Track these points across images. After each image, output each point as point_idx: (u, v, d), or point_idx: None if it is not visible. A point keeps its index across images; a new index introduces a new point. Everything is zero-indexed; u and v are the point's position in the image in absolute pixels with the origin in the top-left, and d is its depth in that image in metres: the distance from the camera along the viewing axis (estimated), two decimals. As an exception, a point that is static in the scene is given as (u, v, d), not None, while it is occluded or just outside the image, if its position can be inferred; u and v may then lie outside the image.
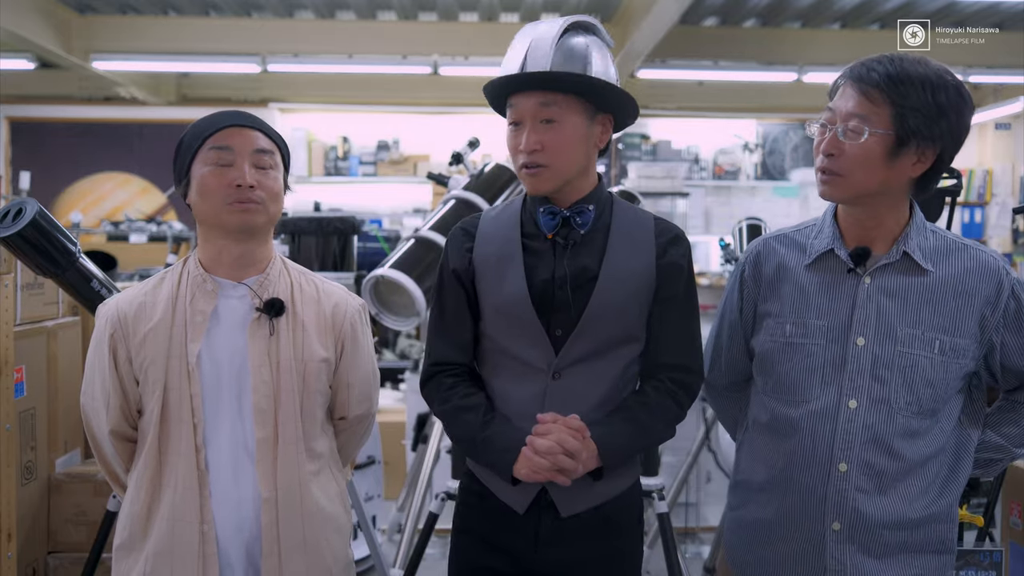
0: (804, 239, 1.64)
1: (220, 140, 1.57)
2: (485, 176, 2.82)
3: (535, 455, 1.50)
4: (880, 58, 1.51)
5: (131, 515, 1.57)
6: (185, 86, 7.70)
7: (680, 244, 1.62)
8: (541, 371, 1.59)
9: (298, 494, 1.58)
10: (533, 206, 1.62)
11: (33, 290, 2.74)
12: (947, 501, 1.58)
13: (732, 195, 7.81)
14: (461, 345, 1.66)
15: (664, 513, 2.53)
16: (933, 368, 1.53)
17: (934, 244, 1.57)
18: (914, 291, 1.54)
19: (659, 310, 1.60)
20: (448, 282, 1.66)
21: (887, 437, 1.52)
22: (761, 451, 1.64)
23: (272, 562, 1.55)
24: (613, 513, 1.62)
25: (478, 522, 1.66)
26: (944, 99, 1.48)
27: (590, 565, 1.61)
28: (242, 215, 1.55)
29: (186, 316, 1.57)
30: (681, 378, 1.61)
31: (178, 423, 1.55)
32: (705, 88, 7.58)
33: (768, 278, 1.65)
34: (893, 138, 1.48)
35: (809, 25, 6.57)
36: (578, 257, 1.58)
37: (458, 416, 1.62)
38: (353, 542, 1.75)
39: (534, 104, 1.53)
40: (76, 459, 2.97)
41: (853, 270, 1.57)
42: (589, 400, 1.58)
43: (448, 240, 1.70)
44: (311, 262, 3.10)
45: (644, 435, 1.59)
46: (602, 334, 1.57)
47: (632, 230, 1.61)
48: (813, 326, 1.58)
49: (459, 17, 6.50)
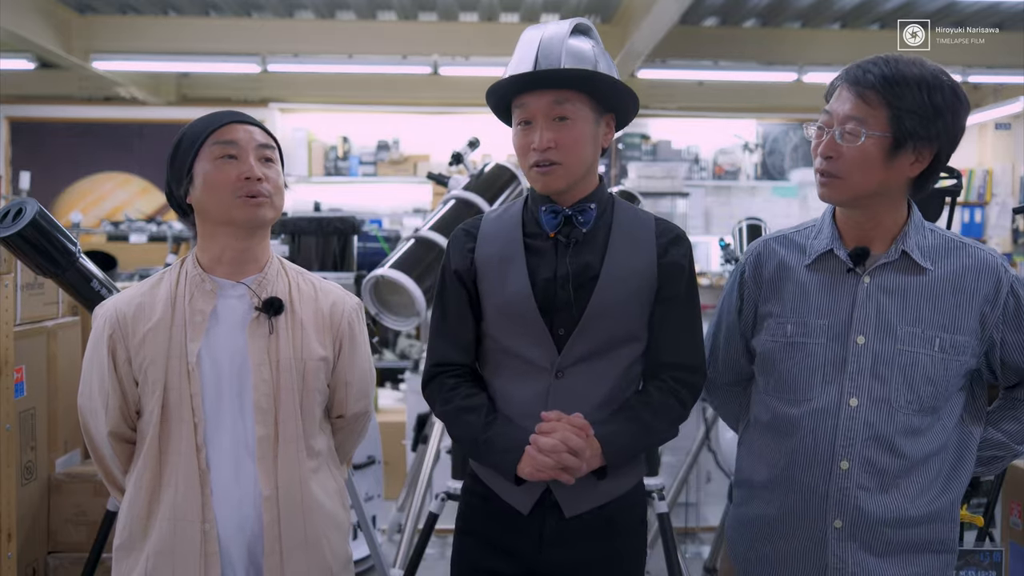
0: (803, 240, 1.65)
1: (224, 135, 1.57)
2: (485, 176, 2.83)
3: (539, 453, 1.50)
4: (875, 59, 1.51)
5: (131, 515, 1.57)
6: (185, 86, 7.71)
7: (681, 244, 1.63)
8: (544, 370, 1.59)
9: (299, 492, 1.58)
10: (535, 206, 1.62)
11: (33, 290, 2.74)
12: (949, 499, 1.58)
13: (732, 195, 7.82)
14: (463, 346, 1.67)
15: (664, 513, 2.53)
16: (934, 366, 1.53)
17: (932, 243, 1.58)
18: (913, 289, 1.55)
19: (661, 310, 1.61)
20: (450, 283, 1.67)
21: (888, 435, 1.53)
22: (762, 450, 1.65)
23: (274, 560, 1.55)
24: (616, 514, 1.62)
25: (482, 524, 1.66)
26: (940, 99, 1.48)
27: (594, 566, 1.61)
28: (252, 209, 1.56)
29: (185, 316, 1.57)
30: (684, 377, 1.62)
31: (178, 423, 1.55)
32: (705, 88, 7.58)
33: (769, 279, 1.65)
34: (890, 140, 1.49)
35: (809, 25, 6.58)
36: (580, 256, 1.59)
37: (460, 417, 1.62)
38: (353, 542, 1.76)
39: (547, 102, 1.54)
40: (76, 459, 2.97)
41: (852, 270, 1.57)
42: (592, 399, 1.58)
43: (450, 241, 1.70)
44: (311, 262, 3.10)
45: (647, 434, 1.60)
46: (604, 333, 1.58)
47: (633, 230, 1.62)
48: (814, 325, 1.58)
49: (459, 17, 6.50)
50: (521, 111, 1.57)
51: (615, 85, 1.57)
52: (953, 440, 1.58)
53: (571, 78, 1.53)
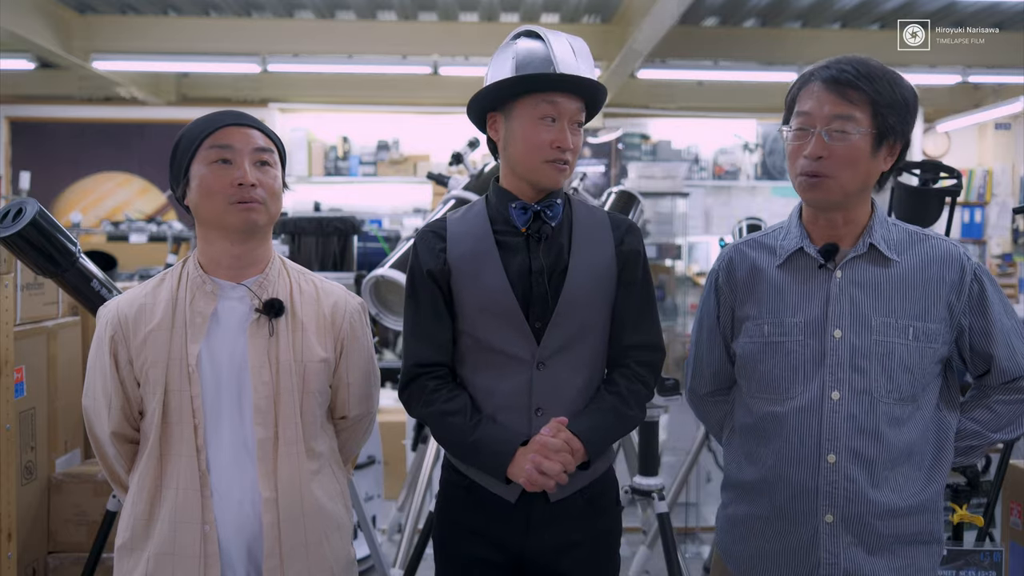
0: (773, 241, 1.68)
1: (220, 139, 1.57)
2: (485, 176, 2.82)
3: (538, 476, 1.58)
4: (840, 59, 1.56)
5: (133, 515, 1.57)
6: (185, 86, 7.70)
7: (635, 232, 1.74)
8: (525, 362, 1.64)
9: (299, 494, 1.59)
10: (502, 204, 1.69)
11: (33, 290, 2.74)
12: (934, 489, 1.61)
13: (732, 195, 7.82)
14: (440, 345, 1.69)
15: (664, 513, 2.53)
16: (909, 354, 1.56)
17: (897, 236, 1.62)
18: (883, 281, 1.59)
19: (622, 293, 1.71)
20: (422, 284, 1.69)
21: (872, 425, 1.56)
22: (749, 453, 1.67)
23: (274, 562, 1.55)
24: (595, 496, 1.70)
25: (465, 514, 1.69)
26: (908, 93, 1.55)
27: (577, 547, 1.68)
28: (245, 214, 1.55)
29: (186, 317, 1.57)
30: (646, 358, 1.72)
31: (179, 424, 1.55)
32: (705, 88, 7.58)
33: (742, 282, 1.68)
34: (874, 135, 1.53)
35: (809, 25, 6.57)
36: (550, 249, 1.67)
37: (444, 419, 1.65)
38: (353, 542, 1.76)
39: (576, 108, 1.65)
40: (76, 459, 2.97)
41: (824, 266, 1.60)
42: (574, 385, 1.67)
43: (417, 242, 1.73)
44: (311, 262, 3.10)
45: (622, 423, 1.70)
46: (577, 321, 1.66)
47: (592, 223, 1.73)
48: (790, 324, 1.61)
49: (459, 17, 6.50)
50: (552, 107, 1.63)
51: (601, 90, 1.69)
52: (932, 427, 1.61)
53: (591, 89, 1.66)
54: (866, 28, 6.61)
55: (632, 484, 2.60)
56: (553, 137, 1.63)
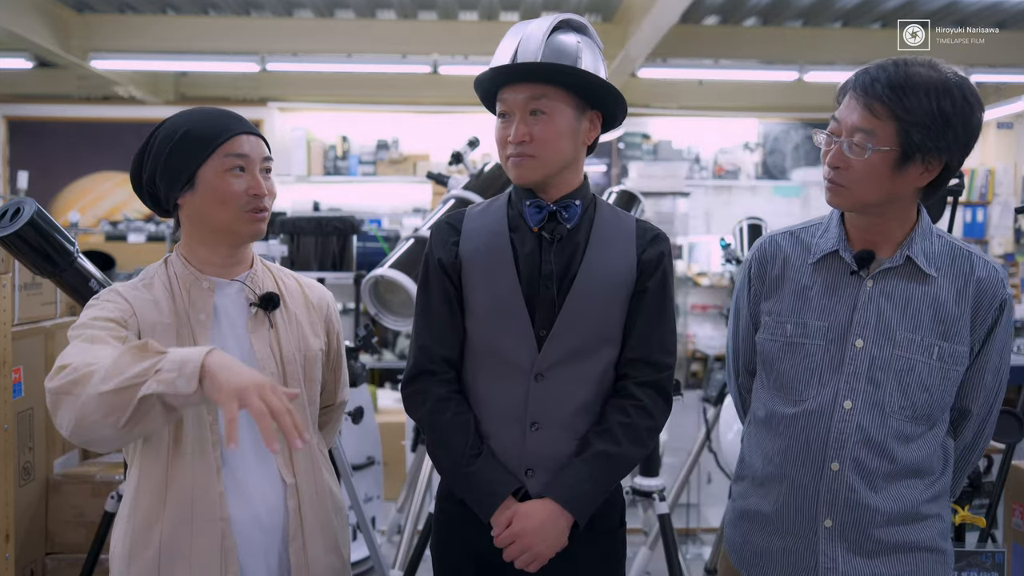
0: (809, 238, 1.64)
1: (235, 147, 1.56)
2: (485, 175, 2.82)
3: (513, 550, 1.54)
4: (885, 64, 1.48)
5: (147, 512, 1.54)
6: (184, 85, 7.69)
7: (661, 242, 1.63)
8: (523, 372, 1.57)
9: (313, 478, 1.64)
10: (519, 201, 1.62)
11: (31, 290, 2.73)
12: (938, 502, 1.59)
13: (733, 195, 7.81)
14: (448, 337, 1.64)
15: (665, 514, 2.53)
16: (930, 373, 1.53)
17: (939, 249, 1.57)
18: (916, 296, 1.55)
19: (634, 303, 1.60)
20: (434, 273, 1.65)
21: (880, 439, 1.53)
22: (760, 446, 1.66)
23: (297, 544, 1.58)
24: (595, 518, 1.59)
25: (460, 528, 1.65)
26: (949, 107, 1.44)
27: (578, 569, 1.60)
28: (257, 224, 1.59)
29: (188, 314, 1.57)
30: (647, 378, 1.60)
31: (192, 421, 1.54)
32: (706, 87, 7.57)
33: (772, 276, 1.66)
34: (897, 153, 1.46)
35: (810, 24, 6.57)
36: (562, 253, 1.59)
37: (447, 436, 1.60)
38: (352, 543, 1.77)
39: (524, 96, 1.55)
40: (74, 460, 2.96)
41: (856, 272, 1.57)
42: (573, 402, 1.58)
43: (433, 232, 1.69)
44: (310, 262, 3.09)
45: (613, 468, 1.57)
46: (583, 332, 1.57)
47: (614, 230, 1.62)
48: (813, 327, 1.58)
49: (459, 16, 6.49)
50: (500, 104, 1.59)
51: (593, 80, 1.55)
52: (939, 452, 1.59)
53: (547, 72, 1.53)
54: (867, 27, 6.60)
55: (633, 485, 2.59)
56: (506, 133, 1.57)
